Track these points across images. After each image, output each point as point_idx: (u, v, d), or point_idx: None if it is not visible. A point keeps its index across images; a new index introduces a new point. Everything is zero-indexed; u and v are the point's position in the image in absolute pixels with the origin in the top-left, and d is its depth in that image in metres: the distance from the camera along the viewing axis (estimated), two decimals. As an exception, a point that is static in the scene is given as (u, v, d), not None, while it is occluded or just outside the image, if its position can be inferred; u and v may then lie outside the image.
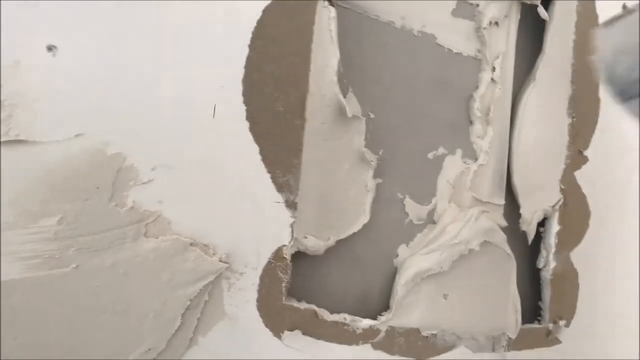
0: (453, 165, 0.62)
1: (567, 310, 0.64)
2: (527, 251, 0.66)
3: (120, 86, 0.47)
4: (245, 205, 0.51)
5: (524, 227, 0.64)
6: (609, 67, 0.46)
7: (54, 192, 0.45)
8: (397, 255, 0.59)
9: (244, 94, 0.50)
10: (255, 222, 0.51)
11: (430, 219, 0.61)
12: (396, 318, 0.57)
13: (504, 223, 0.63)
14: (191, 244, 0.49)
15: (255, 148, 0.51)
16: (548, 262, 0.63)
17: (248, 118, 0.50)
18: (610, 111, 0.64)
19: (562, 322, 0.63)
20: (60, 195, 0.45)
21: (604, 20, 0.49)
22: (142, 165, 0.47)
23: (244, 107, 0.50)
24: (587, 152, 0.63)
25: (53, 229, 0.45)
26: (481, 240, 0.60)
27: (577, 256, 0.64)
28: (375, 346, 0.56)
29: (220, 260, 0.50)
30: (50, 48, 0.45)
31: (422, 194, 0.61)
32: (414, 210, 0.60)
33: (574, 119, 0.63)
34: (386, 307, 0.58)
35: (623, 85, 0.46)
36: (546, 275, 0.64)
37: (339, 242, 0.56)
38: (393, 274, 0.59)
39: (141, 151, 0.47)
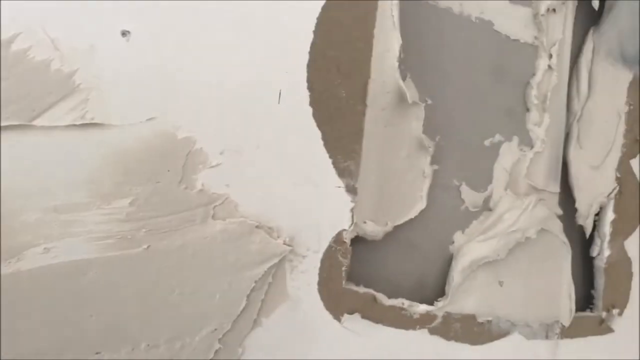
0: (509, 153, 0.61)
1: (620, 299, 0.64)
2: (580, 239, 0.65)
3: (190, 71, 0.47)
4: (308, 190, 0.51)
5: (580, 221, 0.63)
6: (624, 55, 0.48)
7: (126, 175, 0.46)
8: (453, 242, 0.60)
9: (308, 79, 0.50)
10: (317, 206, 0.52)
11: (486, 206, 0.61)
12: (452, 304, 0.57)
13: (559, 211, 0.63)
14: (257, 227, 0.49)
15: (318, 133, 0.51)
16: (602, 251, 0.63)
17: (312, 104, 0.51)
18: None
19: (615, 311, 0.63)
20: (133, 177, 0.46)
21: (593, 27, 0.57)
22: (210, 149, 0.48)
23: (307, 93, 0.50)
24: (644, 141, 0.63)
25: (125, 210, 0.46)
26: (538, 228, 0.59)
27: (631, 245, 0.63)
28: (432, 331, 0.56)
29: (284, 243, 0.51)
30: (124, 33, 0.46)
31: (478, 181, 0.61)
32: (470, 197, 0.60)
33: (631, 107, 0.62)
34: (441, 293, 0.59)
35: None
36: (600, 263, 0.63)
37: (396, 228, 0.57)
38: (448, 260, 0.59)
39: (210, 135, 0.48)
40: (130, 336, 0.47)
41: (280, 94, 0.50)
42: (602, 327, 0.63)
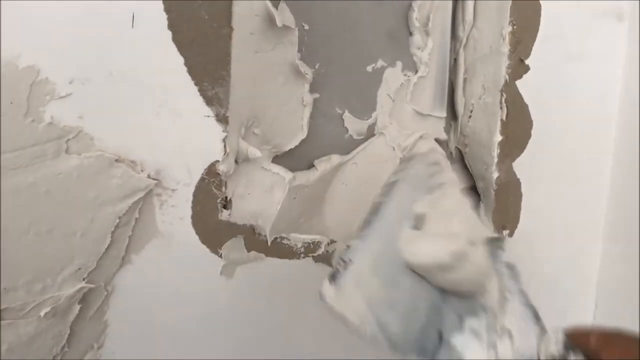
0: (393, 78, 0.60)
1: (510, 220, 0.65)
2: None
3: (28, -6, 0.44)
4: (173, 120, 0.49)
5: (466, 141, 0.63)
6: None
7: (-38, 109, 0.43)
8: (338, 171, 0.59)
9: (165, 0, 0.47)
10: (185, 137, 0.50)
11: (371, 133, 0.60)
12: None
13: (444, 136, 0.62)
14: (117, 160, 0.47)
15: (179, 59, 0.48)
16: (491, 173, 0.63)
17: (170, 27, 0.48)
18: (552, 18, 0.63)
19: (505, 232, 0.64)
20: (-30, 111, 0.43)
21: None
22: (58, 78, 0.45)
23: (165, 15, 0.47)
24: (529, 61, 0.63)
25: (-35, 147, 0.43)
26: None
27: (519, 166, 0.64)
28: (317, 259, 0.56)
29: (149, 177, 0.48)
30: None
31: (362, 108, 0.60)
32: (354, 124, 0.59)
33: (515, 27, 0.61)
34: (328, 222, 0.58)
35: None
36: (489, 185, 0.64)
37: (276, 159, 0.55)
38: (334, 189, 0.58)
39: (56, 64, 0.45)
40: (-16, 280, 0.44)
41: (133, 17, 0.47)
42: (494, 248, 0.64)
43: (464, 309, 0.45)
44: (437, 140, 0.62)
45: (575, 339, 0.43)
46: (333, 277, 0.43)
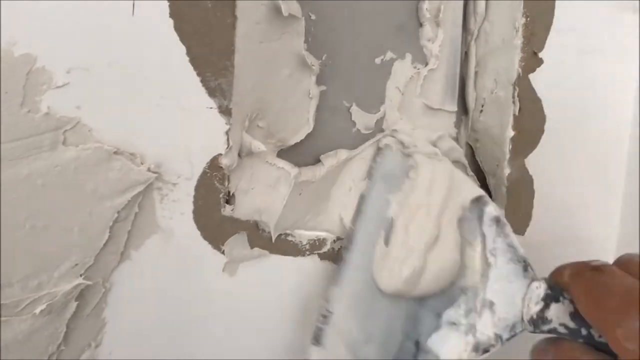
0: (402, 71, 0.58)
1: (522, 218, 0.63)
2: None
3: (24, -21, 0.42)
4: (174, 111, 0.47)
5: (477, 136, 0.61)
6: None
7: (-44, 98, 0.41)
8: (345, 166, 0.57)
9: (166, -12, 0.46)
10: (186, 130, 0.48)
11: (379, 128, 0.58)
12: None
13: (454, 131, 0.61)
14: (115, 153, 0.45)
15: (181, 48, 0.47)
16: (503, 169, 0.61)
17: (172, 15, 0.46)
18: (567, 10, 0.61)
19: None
20: (-36, 100, 0.41)
21: None
22: (55, 67, 0.43)
23: (167, 3, 0.46)
24: (542, 54, 0.61)
25: (-42, 137, 0.41)
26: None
27: (532, 162, 0.62)
28: (323, 257, 0.54)
29: (149, 170, 0.47)
30: None
31: (370, 102, 0.58)
32: (362, 118, 0.57)
33: (528, 19, 0.59)
34: (334, 219, 0.56)
35: None
36: (500, 182, 0.62)
37: (281, 153, 0.54)
38: (341, 185, 0.56)
39: (54, 52, 0.43)
40: (-22, 277, 0.43)
41: (134, 4, 0.45)
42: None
43: (442, 304, 0.46)
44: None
45: (554, 277, 0.43)
46: (316, 339, 0.47)
